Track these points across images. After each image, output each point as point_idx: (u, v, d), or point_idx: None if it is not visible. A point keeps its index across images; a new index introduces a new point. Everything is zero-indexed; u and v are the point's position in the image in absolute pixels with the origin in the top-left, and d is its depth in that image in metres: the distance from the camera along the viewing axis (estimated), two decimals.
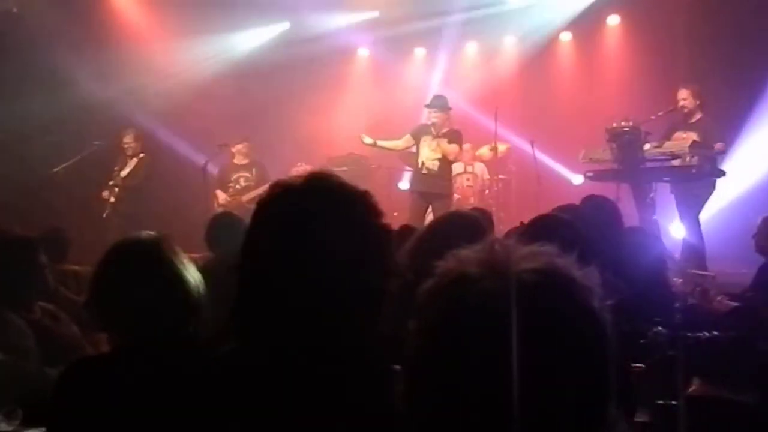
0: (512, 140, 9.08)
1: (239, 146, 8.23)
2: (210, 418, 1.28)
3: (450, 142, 7.23)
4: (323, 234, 1.24)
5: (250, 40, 10.15)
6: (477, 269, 0.84)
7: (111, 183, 7.90)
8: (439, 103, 7.36)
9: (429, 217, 7.08)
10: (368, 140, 7.69)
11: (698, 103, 6.72)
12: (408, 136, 7.57)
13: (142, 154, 7.97)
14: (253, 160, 8.33)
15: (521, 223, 3.77)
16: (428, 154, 7.32)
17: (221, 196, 8.11)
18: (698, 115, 6.73)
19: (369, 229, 1.29)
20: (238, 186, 8.15)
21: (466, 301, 0.82)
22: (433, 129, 7.27)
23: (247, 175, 8.21)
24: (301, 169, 7.82)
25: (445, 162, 7.30)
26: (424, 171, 7.35)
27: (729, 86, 7.58)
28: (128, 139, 7.98)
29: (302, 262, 1.24)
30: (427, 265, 0.97)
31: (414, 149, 7.55)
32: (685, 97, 6.70)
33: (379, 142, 7.75)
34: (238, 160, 8.29)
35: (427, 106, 7.44)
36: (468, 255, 0.87)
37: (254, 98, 9.32)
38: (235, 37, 9.95)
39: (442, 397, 0.81)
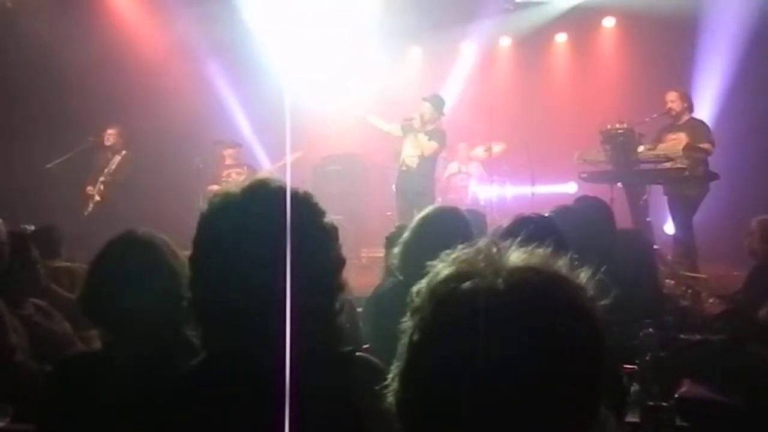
0: (506, 140, 9.07)
1: (230, 150, 8.42)
2: (196, 416, 1.29)
3: (431, 139, 7.13)
4: (266, 238, 1.28)
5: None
6: (469, 268, 0.85)
7: (101, 179, 7.87)
8: (434, 100, 7.31)
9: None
10: (361, 113, 7.78)
11: (686, 105, 6.80)
12: (398, 126, 7.45)
13: (124, 152, 7.95)
14: (243, 161, 8.51)
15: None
16: (409, 151, 7.26)
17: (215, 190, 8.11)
18: (686, 117, 6.80)
19: (311, 229, 1.35)
20: (230, 180, 8.15)
21: (457, 299, 0.83)
22: (417, 122, 7.15)
23: (239, 170, 8.30)
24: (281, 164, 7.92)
25: (426, 160, 7.17)
26: (404, 168, 7.29)
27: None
28: (112, 134, 7.96)
29: (248, 268, 1.27)
30: (417, 266, 0.97)
31: (400, 146, 7.50)
32: (673, 99, 6.77)
33: (369, 117, 7.76)
34: (229, 161, 8.45)
35: (424, 99, 7.33)
36: (460, 254, 0.88)
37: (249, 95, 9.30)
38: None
39: (436, 391, 0.82)
